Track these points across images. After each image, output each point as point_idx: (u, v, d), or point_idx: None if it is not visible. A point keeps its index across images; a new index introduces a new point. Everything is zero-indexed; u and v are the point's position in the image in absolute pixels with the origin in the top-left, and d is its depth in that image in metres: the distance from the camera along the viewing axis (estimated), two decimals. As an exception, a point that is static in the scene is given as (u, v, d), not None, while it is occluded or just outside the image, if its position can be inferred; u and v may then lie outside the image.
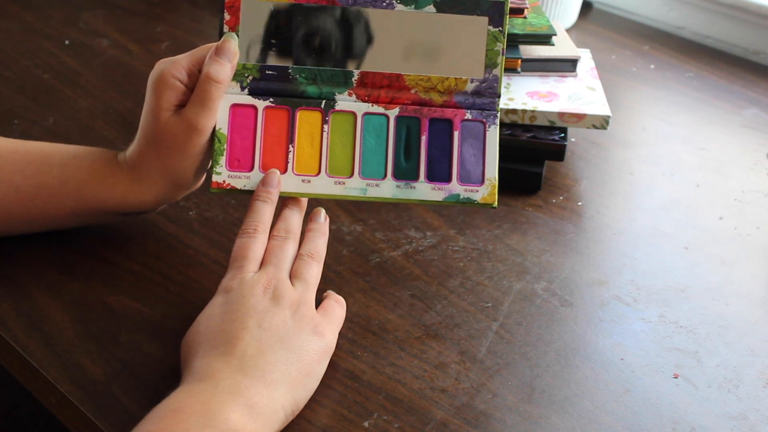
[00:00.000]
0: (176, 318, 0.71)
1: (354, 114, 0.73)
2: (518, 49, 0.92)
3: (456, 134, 0.73)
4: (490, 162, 0.73)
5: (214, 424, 0.56)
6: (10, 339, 0.68)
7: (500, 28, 0.73)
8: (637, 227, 0.86)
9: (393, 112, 0.73)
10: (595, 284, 0.78)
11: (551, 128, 0.89)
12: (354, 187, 0.72)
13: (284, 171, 0.72)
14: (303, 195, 0.72)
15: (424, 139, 0.73)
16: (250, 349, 0.61)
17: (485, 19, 0.73)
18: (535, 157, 0.89)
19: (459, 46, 0.73)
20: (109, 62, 1.08)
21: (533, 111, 0.87)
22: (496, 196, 0.73)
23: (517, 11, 0.91)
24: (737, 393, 0.68)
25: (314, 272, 0.69)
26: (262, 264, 0.67)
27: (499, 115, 0.73)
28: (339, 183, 0.72)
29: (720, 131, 1.03)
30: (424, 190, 0.72)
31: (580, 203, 0.89)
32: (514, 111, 0.88)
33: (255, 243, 0.68)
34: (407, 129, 0.73)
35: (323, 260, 0.70)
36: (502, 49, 0.73)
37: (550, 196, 0.89)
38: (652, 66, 1.17)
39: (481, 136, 0.73)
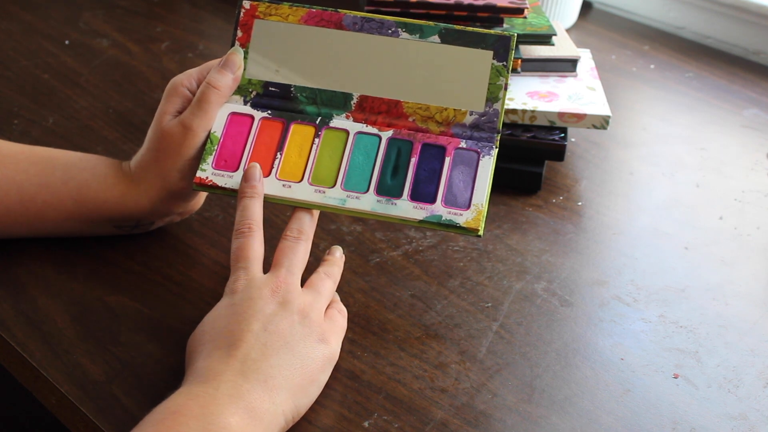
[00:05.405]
0: (176, 318, 0.71)
1: (347, 132, 0.72)
2: (518, 49, 0.92)
3: (447, 159, 0.71)
4: (480, 189, 0.70)
5: (212, 429, 0.55)
6: (10, 339, 0.68)
7: (504, 63, 0.71)
8: (637, 227, 0.86)
9: (386, 134, 0.72)
10: (595, 284, 0.78)
11: (551, 128, 0.89)
12: (333, 197, 0.70)
13: (267, 175, 0.71)
14: (281, 200, 0.71)
15: (413, 160, 0.71)
16: (253, 352, 0.61)
17: (490, 53, 0.72)
18: (535, 157, 0.89)
19: (461, 78, 0.72)
20: (109, 62, 1.08)
21: (533, 111, 0.87)
22: (482, 224, 0.69)
23: (517, 11, 0.91)
24: (737, 393, 0.68)
25: (328, 287, 0.68)
26: (273, 265, 0.67)
27: (497, 148, 0.71)
28: (319, 191, 0.70)
29: (720, 131, 1.03)
30: (405, 207, 0.70)
31: (580, 203, 0.89)
32: (514, 111, 0.88)
33: (253, 242, 0.67)
34: (398, 150, 0.72)
35: (337, 283, 0.70)
36: (505, 84, 0.71)
37: (550, 196, 0.89)
38: (652, 66, 1.17)
39: (474, 164, 0.71)
